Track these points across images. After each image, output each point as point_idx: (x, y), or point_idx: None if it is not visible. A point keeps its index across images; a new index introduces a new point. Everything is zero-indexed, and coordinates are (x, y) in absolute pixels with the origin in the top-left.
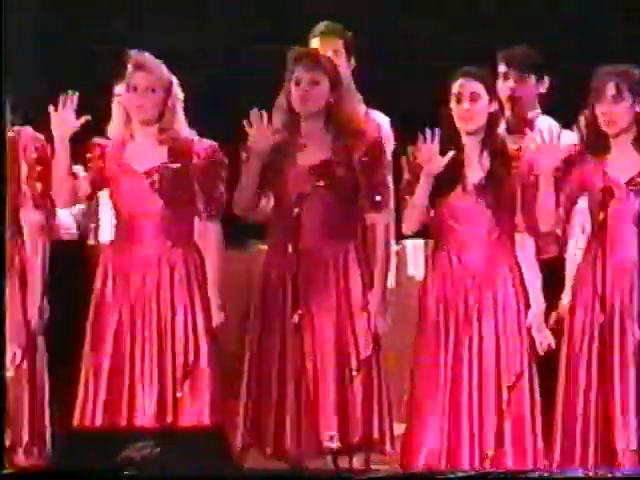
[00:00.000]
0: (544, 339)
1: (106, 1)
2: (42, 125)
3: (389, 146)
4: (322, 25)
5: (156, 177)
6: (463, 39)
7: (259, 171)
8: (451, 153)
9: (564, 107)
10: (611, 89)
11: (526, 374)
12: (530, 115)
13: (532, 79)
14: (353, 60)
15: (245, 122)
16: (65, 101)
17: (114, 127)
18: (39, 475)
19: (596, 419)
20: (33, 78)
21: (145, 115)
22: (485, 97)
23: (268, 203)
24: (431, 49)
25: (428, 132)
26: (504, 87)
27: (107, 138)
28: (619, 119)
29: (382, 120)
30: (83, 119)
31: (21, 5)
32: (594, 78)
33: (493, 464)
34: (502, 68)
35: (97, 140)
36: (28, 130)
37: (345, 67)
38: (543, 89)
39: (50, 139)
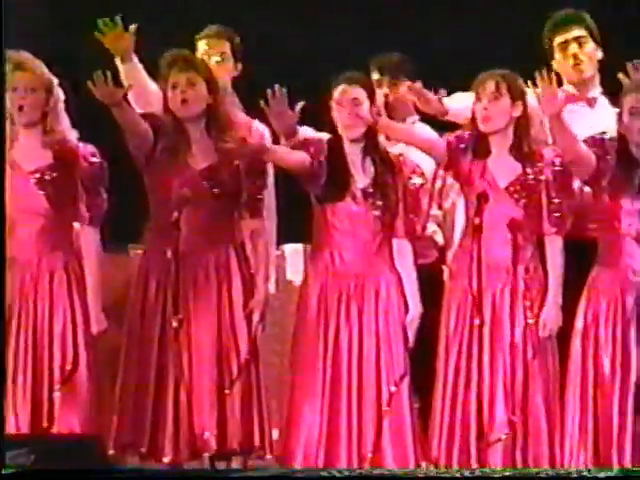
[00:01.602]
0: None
1: None
2: None
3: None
4: (210, 28)
5: (42, 178)
6: (345, 45)
7: (130, 116)
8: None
9: None
10: (490, 86)
11: (407, 377)
12: (408, 121)
13: (405, 85)
14: (240, 64)
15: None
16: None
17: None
18: (39, 474)
19: (466, 418)
20: None
21: (26, 117)
22: (367, 102)
23: None
24: (317, 54)
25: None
26: (378, 94)
27: None
28: (495, 116)
29: (263, 129)
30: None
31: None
32: (476, 80)
33: (373, 465)
34: (375, 75)
35: None
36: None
37: (231, 71)
38: None
39: None
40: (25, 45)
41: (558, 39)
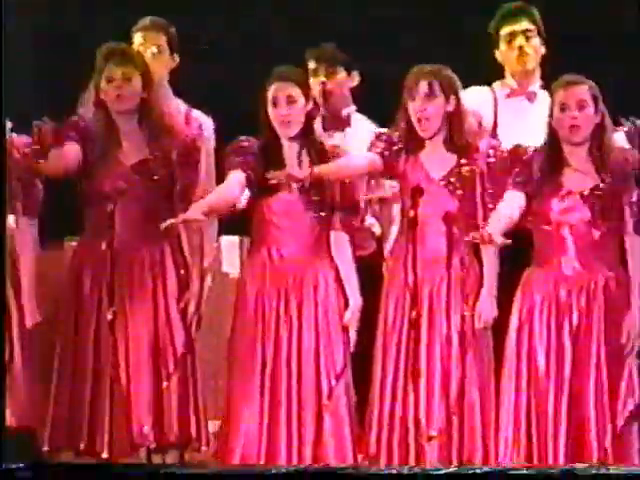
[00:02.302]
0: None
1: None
2: None
3: (210, 145)
4: (146, 20)
5: None
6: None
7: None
8: None
9: (380, 106)
10: (424, 87)
11: (347, 371)
12: (345, 112)
13: (342, 73)
14: (176, 56)
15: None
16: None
17: None
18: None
19: (404, 412)
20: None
21: None
22: (302, 99)
23: None
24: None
25: None
26: (315, 83)
27: None
28: (432, 117)
29: (204, 120)
30: None
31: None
32: (408, 76)
33: (313, 460)
34: (312, 64)
35: None
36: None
37: (168, 62)
38: (353, 83)
39: None
40: None
41: (505, 30)
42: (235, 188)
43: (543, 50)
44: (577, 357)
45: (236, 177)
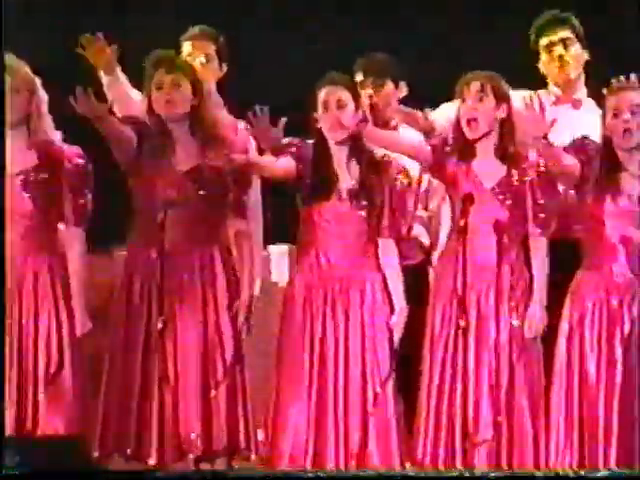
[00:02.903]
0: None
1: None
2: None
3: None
4: (195, 29)
5: (26, 179)
6: (334, 46)
7: (113, 128)
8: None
9: None
10: (476, 86)
11: (392, 377)
12: (393, 123)
13: (389, 85)
14: (225, 65)
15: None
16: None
17: None
18: (39, 475)
19: (451, 419)
20: None
21: (9, 117)
22: (352, 104)
23: None
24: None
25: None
26: (363, 95)
27: None
28: (480, 117)
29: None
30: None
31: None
32: (460, 81)
33: (359, 464)
34: (359, 76)
35: None
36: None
37: (216, 72)
38: (401, 94)
39: None
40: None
41: (544, 41)
42: (288, 162)
43: (586, 56)
44: (628, 365)
45: (288, 160)
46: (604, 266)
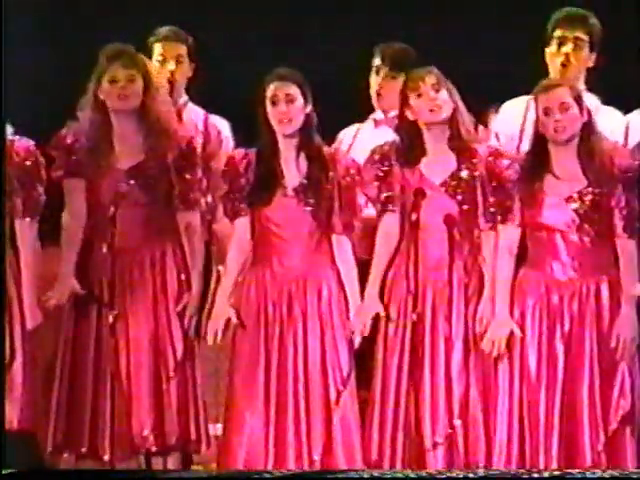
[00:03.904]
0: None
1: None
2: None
3: (227, 149)
4: (165, 29)
5: None
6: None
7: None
8: None
9: None
10: (432, 79)
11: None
12: (391, 114)
13: (401, 78)
14: (194, 65)
15: None
16: None
17: None
18: (39, 475)
19: (406, 418)
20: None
21: None
22: (300, 99)
23: None
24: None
25: None
26: (374, 81)
27: None
28: (442, 105)
29: (221, 124)
30: None
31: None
32: (410, 75)
33: (322, 465)
34: (377, 61)
35: None
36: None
37: (187, 72)
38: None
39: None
40: None
41: (558, 32)
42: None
43: (591, 63)
44: (569, 363)
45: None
46: (545, 264)
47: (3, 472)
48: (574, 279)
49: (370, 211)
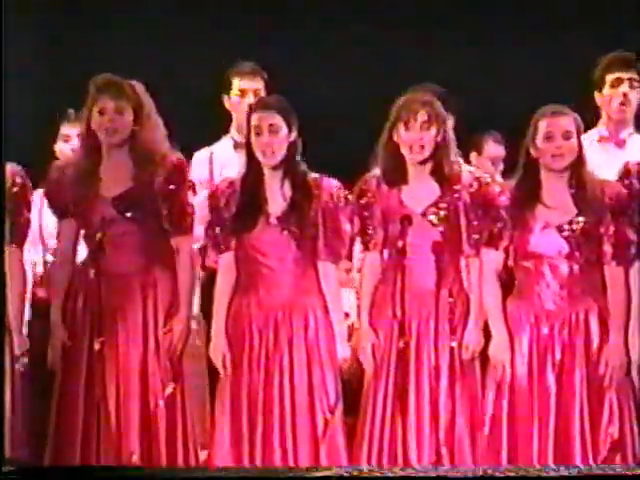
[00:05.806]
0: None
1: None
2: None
3: None
4: (246, 65)
5: None
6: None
7: None
8: None
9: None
10: (423, 116)
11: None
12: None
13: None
14: None
15: None
16: None
17: None
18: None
19: (391, 446)
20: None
21: None
22: (284, 128)
23: None
24: None
25: None
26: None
27: None
28: (427, 146)
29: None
30: None
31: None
32: (401, 104)
33: None
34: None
35: None
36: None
37: None
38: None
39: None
40: None
41: (612, 75)
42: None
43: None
44: (561, 393)
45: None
46: (534, 295)
47: (3, 470)
48: (564, 307)
49: None
